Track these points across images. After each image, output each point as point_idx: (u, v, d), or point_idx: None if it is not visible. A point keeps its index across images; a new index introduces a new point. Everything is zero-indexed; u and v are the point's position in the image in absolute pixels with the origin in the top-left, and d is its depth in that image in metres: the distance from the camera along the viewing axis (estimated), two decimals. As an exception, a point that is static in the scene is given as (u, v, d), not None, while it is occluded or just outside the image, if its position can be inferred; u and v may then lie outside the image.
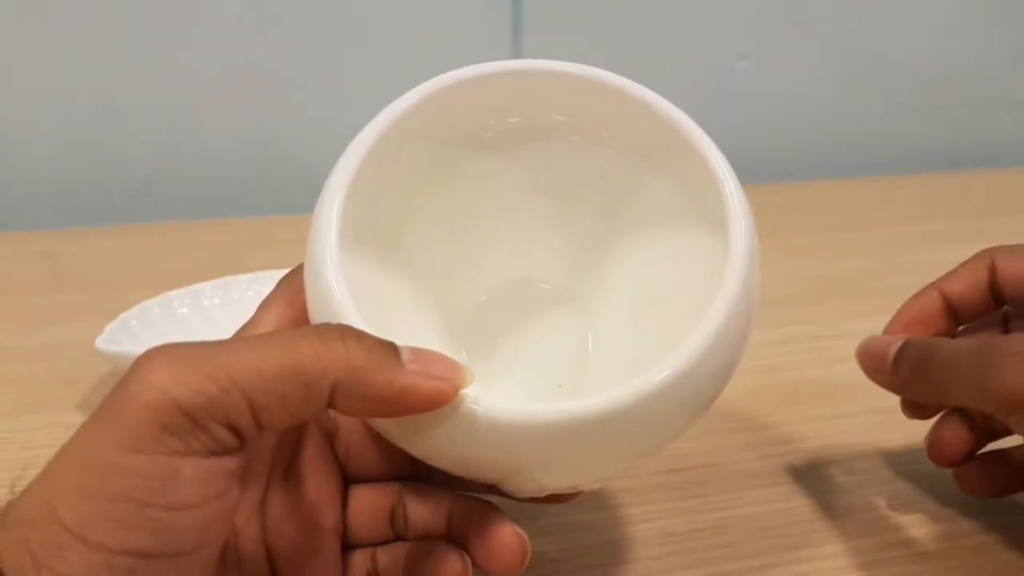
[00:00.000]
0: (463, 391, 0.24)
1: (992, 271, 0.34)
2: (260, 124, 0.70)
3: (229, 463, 0.22)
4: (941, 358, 0.31)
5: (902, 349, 0.32)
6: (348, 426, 0.29)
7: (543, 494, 0.27)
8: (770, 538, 0.34)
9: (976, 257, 0.35)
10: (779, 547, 0.34)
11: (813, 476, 0.38)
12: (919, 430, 0.35)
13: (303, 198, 0.26)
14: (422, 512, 0.28)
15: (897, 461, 0.39)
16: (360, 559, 0.29)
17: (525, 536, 0.27)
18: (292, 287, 0.28)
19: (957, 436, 0.34)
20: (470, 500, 0.28)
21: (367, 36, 0.69)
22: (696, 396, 0.26)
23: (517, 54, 0.71)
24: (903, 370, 0.32)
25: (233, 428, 0.22)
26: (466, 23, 0.70)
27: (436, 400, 0.23)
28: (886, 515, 0.36)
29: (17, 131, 0.66)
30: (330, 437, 0.29)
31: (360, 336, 0.23)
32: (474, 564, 0.28)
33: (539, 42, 0.71)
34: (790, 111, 0.80)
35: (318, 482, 0.28)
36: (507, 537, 0.27)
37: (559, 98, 0.30)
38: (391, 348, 0.23)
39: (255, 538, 0.27)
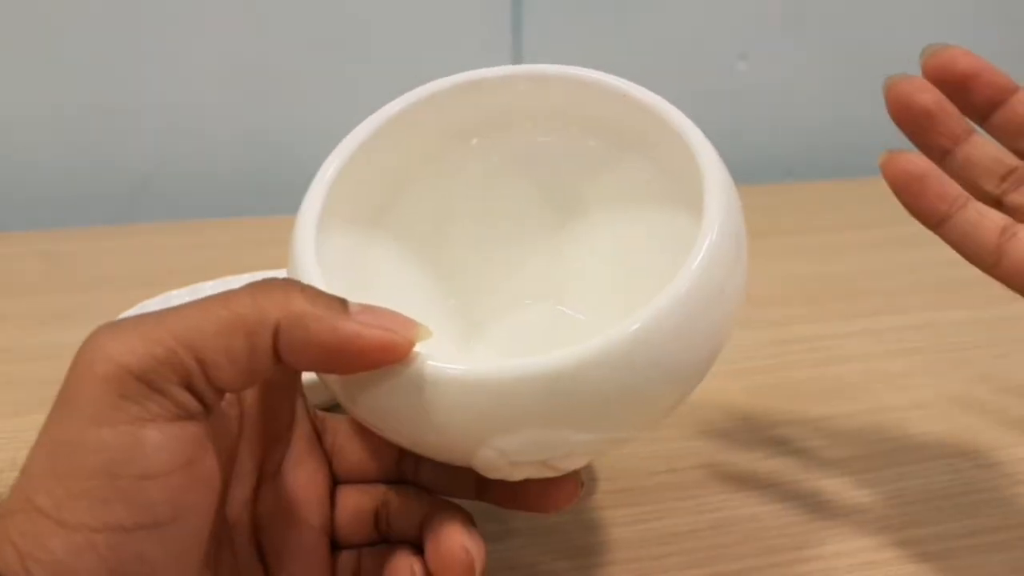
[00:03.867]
0: (414, 349, 0.23)
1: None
2: (260, 124, 0.70)
3: (194, 428, 0.22)
4: None
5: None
6: (336, 425, 0.29)
7: (519, 476, 0.26)
8: (770, 538, 0.34)
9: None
10: (779, 547, 0.34)
11: (813, 476, 0.38)
12: (920, 430, 0.35)
13: (302, 198, 0.26)
14: (400, 516, 0.28)
15: (897, 461, 0.39)
16: (348, 559, 0.28)
17: (474, 551, 0.26)
18: None
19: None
20: (442, 506, 0.28)
21: (367, 36, 0.69)
22: (652, 363, 0.24)
23: (517, 53, 0.71)
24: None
25: (189, 388, 0.22)
26: (466, 23, 0.70)
27: (384, 352, 0.23)
28: (886, 515, 0.36)
29: (17, 131, 0.66)
30: (319, 436, 0.29)
31: (304, 288, 0.23)
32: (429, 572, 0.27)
33: (539, 42, 0.71)
34: (790, 111, 0.80)
35: (307, 480, 0.28)
36: (455, 548, 0.26)
37: (548, 99, 0.32)
38: (337, 299, 0.23)
39: (246, 532, 0.27)
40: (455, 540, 0.26)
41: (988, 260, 0.29)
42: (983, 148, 0.30)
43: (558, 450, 0.25)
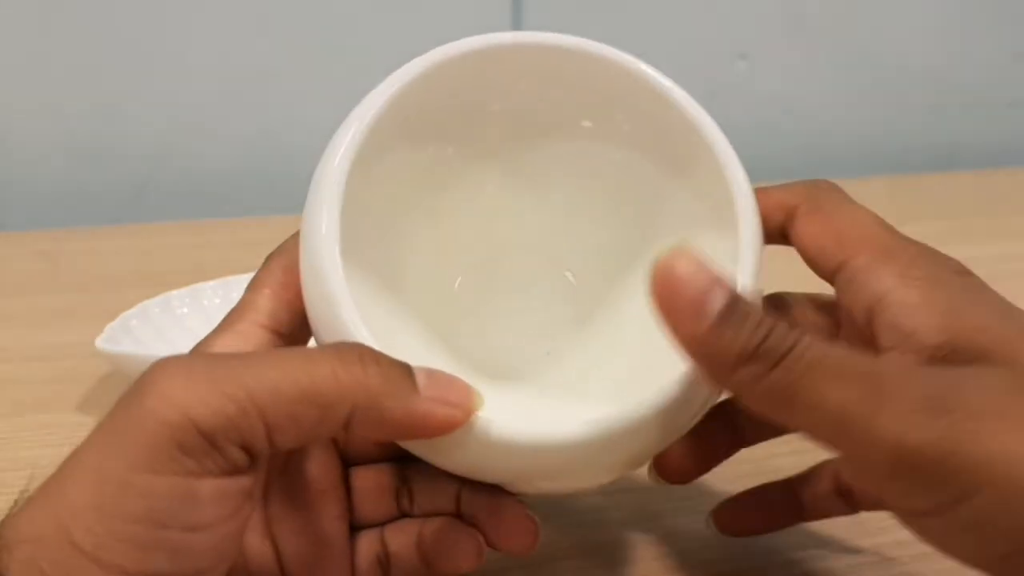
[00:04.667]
0: (475, 414, 0.24)
1: (790, 218, 0.29)
2: (260, 124, 0.70)
3: (243, 482, 0.22)
4: (814, 356, 0.21)
5: (732, 303, 0.21)
6: None
7: (539, 496, 0.28)
8: (770, 538, 0.34)
9: (791, 190, 0.29)
10: (779, 547, 0.34)
11: (813, 476, 0.38)
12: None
13: (303, 198, 0.26)
14: (429, 492, 0.28)
15: (897, 461, 0.39)
16: (367, 543, 0.28)
17: (536, 517, 0.27)
18: (284, 267, 0.27)
19: (702, 444, 0.31)
20: (476, 482, 0.28)
21: (367, 36, 0.69)
22: (686, 416, 0.27)
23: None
24: (732, 339, 0.21)
25: (247, 448, 0.21)
26: (466, 23, 0.70)
27: (450, 426, 0.23)
28: (886, 515, 0.36)
29: (17, 131, 0.66)
30: None
31: (378, 359, 0.23)
32: (487, 543, 0.28)
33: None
34: (790, 111, 0.80)
35: (318, 470, 0.28)
36: (520, 517, 0.27)
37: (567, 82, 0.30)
38: (407, 372, 0.23)
39: (259, 535, 0.27)
40: (517, 507, 0.27)
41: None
42: None
43: (589, 486, 0.30)
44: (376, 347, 0.24)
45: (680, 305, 0.21)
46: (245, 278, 0.53)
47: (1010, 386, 0.21)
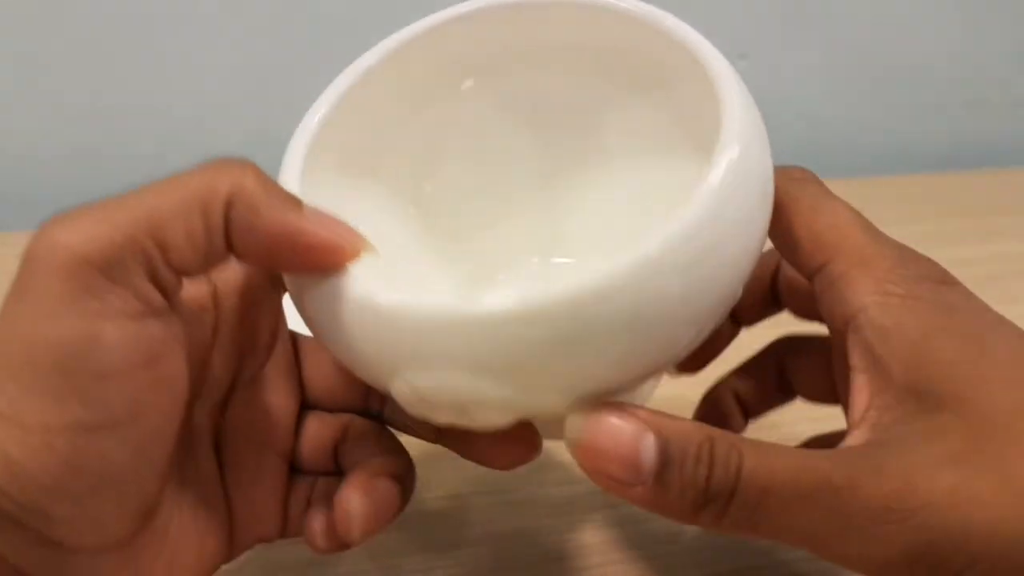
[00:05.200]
0: (359, 256, 0.23)
1: (775, 273, 0.30)
2: (261, 124, 0.69)
3: (156, 327, 0.21)
4: (763, 478, 0.21)
5: (663, 453, 0.21)
6: (311, 348, 0.29)
7: (440, 419, 0.24)
8: (770, 538, 0.34)
9: (767, 255, 0.29)
10: (779, 547, 0.34)
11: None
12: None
13: (285, 151, 0.27)
14: (353, 449, 0.28)
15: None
16: (303, 486, 0.28)
17: (358, 513, 0.25)
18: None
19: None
20: (387, 449, 0.28)
21: (367, 35, 0.69)
22: (601, 319, 0.21)
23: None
24: (679, 493, 0.21)
25: (151, 277, 0.21)
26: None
27: (326, 253, 0.22)
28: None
29: (17, 131, 0.66)
30: (298, 362, 0.29)
31: (259, 173, 0.23)
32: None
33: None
34: (790, 111, 0.80)
35: (278, 402, 0.28)
36: (346, 501, 0.26)
37: (553, 28, 0.29)
38: (292, 197, 0.23)
39: (209, 442, 0.27)
40: (346, 490, 0.26)
41: None
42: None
43: (467, 397, 0.22)
44: (299, 193, 0.24)
45: (615, 473, 0.21)
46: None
47: (958, 450, 0.21)
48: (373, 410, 0.29)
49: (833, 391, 0.29)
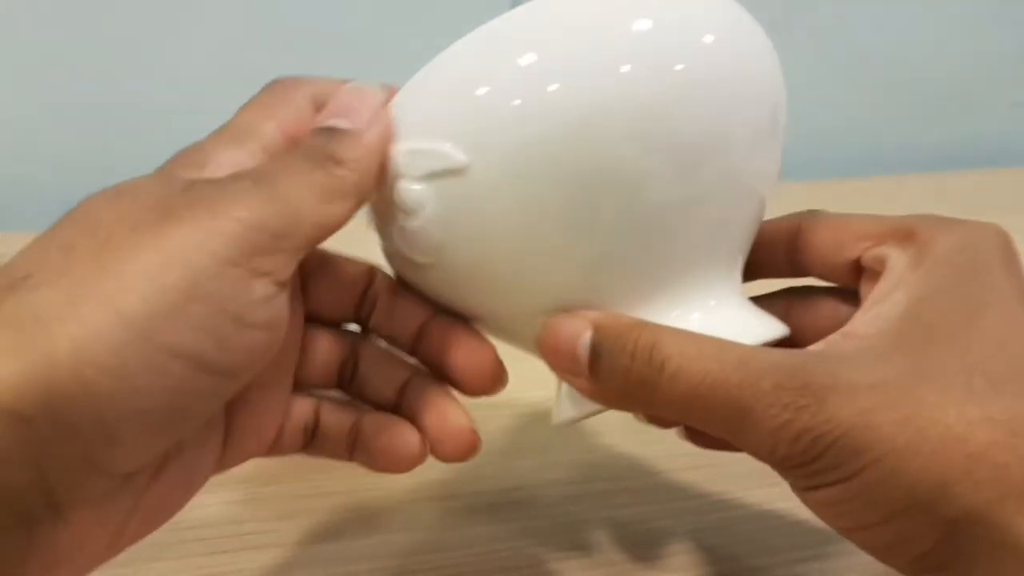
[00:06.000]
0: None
1: (794, 238, 0.29)
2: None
3: (283, 299, 0.23)
4: (670, 366, 0.22)
5: (595, 343, 0.23)
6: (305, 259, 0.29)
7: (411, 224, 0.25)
8: (770, 538, 0.34)
9: (785, 219, 0.29)
10: (779, 547, 0.34)
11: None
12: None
13: None
14: (375, 375, 0.28)
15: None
16: (301, 407, 0.28)
17: (473, 425, 0.27)
18: (295, 105, 0.29)
19: None
20: (426, 375, 0.28)
21: (368, 36, 0.69)
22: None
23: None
24: (608, 379, 0.23)
25: (296, 256, 0.23)
26: (466, 23, 0.70)
27: (389, 127, 0.25)
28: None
29: (17, 131, 0.66)
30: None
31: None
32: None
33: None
34: (790, 111, 0.80)
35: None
36: (457, 419, 0.27)
37: None
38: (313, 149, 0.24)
39: None
40: (464, 419, 0.27)
41: None
42: None
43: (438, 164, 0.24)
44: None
45: (562, 366, 0.24)
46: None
47: (892, 382, 0.21)
48: (362, 318, 0.29)
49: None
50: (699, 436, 0.30)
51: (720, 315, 0.25)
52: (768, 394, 0.21)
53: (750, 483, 0.37)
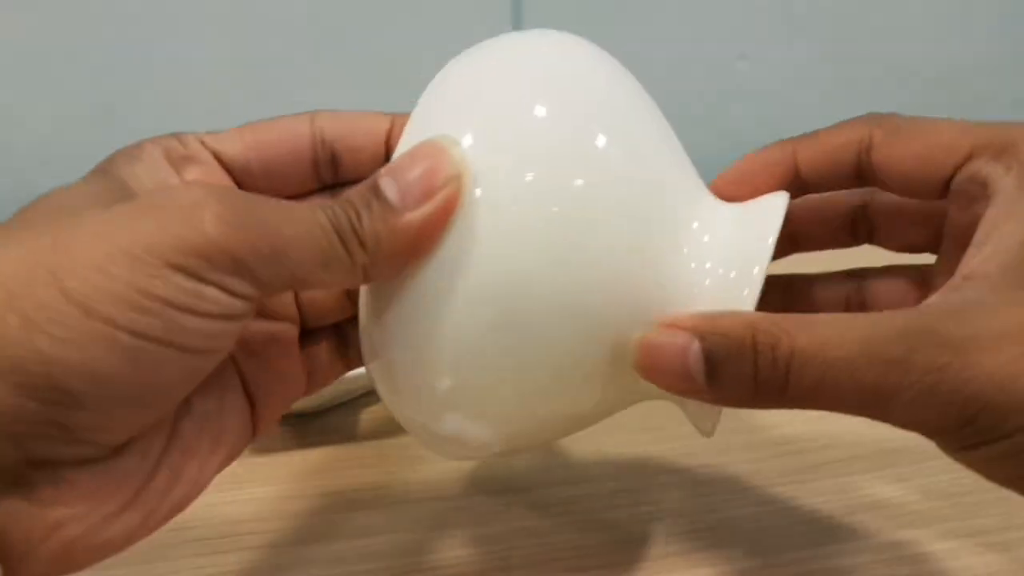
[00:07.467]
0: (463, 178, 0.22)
1: (866, 150, 0.28)
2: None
3: (241, 307, 0.21)
4: (808, 355, 0.21)
5: (709, 354, 0.22)
6: None
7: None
8: (770, 538, 0.34)
9: (852, 126, 0.28)
10: (779, 547, 0.34)
11: (813, 477, 0.38)
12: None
13: None
14: None
15: (897, 461, 0.39)
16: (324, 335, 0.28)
17: None
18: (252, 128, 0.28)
19: None
20: None
21: (367, 37, 0.69)
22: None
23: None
24: (731, 386, 0.22)
25: (267, 289, 0.21)
26: (466, 22, 0.70)
27: (447, 210, 0.22)
28: (886, 515, 0.36)
29: (17, 131, 0.66)
30: None
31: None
32: None
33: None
34: (790, 111, 0.80)
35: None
36: None
37: None
38: (373, 191, 0.22)
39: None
40: None
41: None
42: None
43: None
44: None
45: (676, 386, 0.22)
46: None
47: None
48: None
49: (915, 245, 0.29)
50: None
51: (717, 239, 0.25)
52: (902, 363, 0.20)
53: (750, 483, 0.37)
